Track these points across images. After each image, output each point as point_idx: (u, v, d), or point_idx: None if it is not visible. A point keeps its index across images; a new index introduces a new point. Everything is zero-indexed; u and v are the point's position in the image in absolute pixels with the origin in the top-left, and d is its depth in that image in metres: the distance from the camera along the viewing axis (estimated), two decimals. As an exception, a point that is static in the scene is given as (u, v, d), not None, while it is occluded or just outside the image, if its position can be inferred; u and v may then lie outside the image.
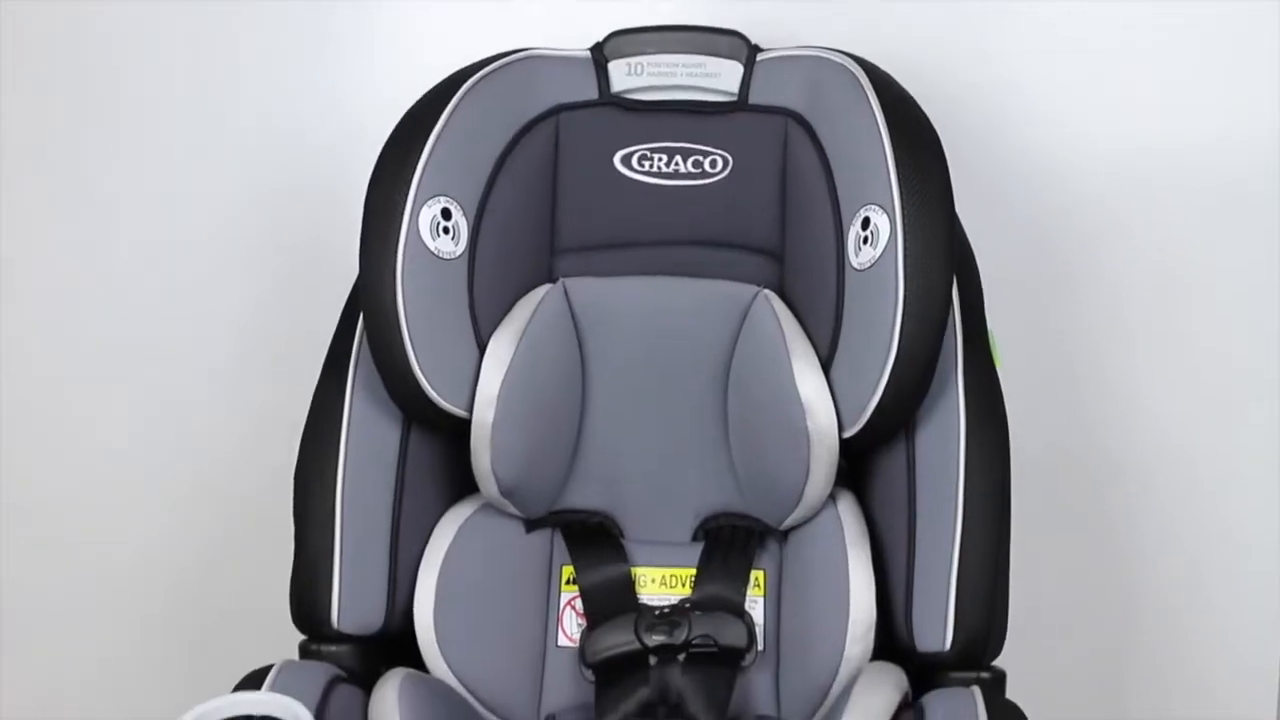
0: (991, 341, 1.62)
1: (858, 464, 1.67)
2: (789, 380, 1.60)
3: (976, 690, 1.44)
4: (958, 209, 1.58)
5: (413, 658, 1.64)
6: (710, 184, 1.71)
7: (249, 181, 2.11)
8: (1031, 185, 2.02)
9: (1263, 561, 2.13)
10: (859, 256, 1.57)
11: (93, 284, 2.17)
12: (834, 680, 1.57)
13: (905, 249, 1.52)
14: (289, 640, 1.61)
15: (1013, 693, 1.51)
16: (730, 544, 1.70)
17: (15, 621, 2.32)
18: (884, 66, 1.66)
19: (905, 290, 1.51)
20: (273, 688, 1.42)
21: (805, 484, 1.61)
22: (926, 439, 1.57)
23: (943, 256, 1.53)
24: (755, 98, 1.70)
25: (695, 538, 1.73)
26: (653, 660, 1.66)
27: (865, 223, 1.56)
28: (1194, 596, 2.16)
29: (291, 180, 2.09)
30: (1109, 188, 2.01)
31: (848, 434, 1.58)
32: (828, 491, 1.63)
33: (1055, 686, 1.95)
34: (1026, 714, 1.42)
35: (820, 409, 1.59)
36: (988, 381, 1.59)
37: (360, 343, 1.65)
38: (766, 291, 1.68)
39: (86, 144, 2.12)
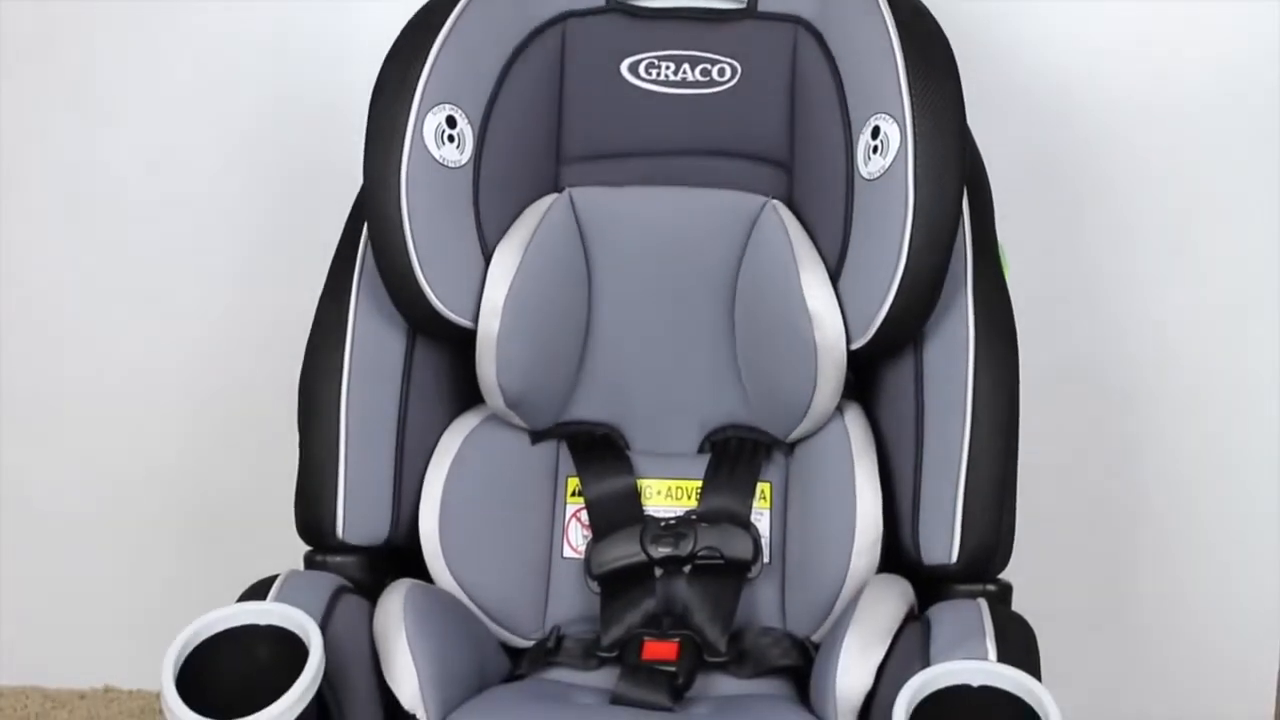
0: (1001, 254, 1.61)
1: (865, 376, 1.66)
2: (796, 291, 1.58)
3: (983, 602, 1.44)
4: (968, 121, 1.56)
5: (418, 569, 1.64)
6: (718, 93, 1.69)
7: (252, 90, 2.09)
8: (1041, 98, 2.00)
9: (1263, 479, 2.13)
10: (868, 166, 1.55)
11: (94, 192, 2.16)
12: (840, 592, 1.57)
13: (916, 158, 1.50)
14: (294, 551, 1.61)
15: (1018, 605, 1.50)
16: (736, 456, 1.69)
17: (18, 529, 2.32)
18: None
19: (915, 200, 1.50)
20: (278, 598, 1.42)
21: (812, 396, 1.60)
22: (935, 351, 1.56)
23: (953, 166, 1.51)
24: (765, 5, 1.67)
25: (701, 450, 1.73)
26: (658, 572, 1.66)
27: (875, 132, 1.54)
28: (1197, 513, 2.16)
29: (295, 88, 2.07)
30: (1118, 102, 1.99)
31: (856, 346, 1.57)
32: (835, 404, 1.62)
33: (1060, 600, 1.96)
34: (1032, 626, 1.42)
35: (828, 320, 1.57)
36: (998, 294, 1.57)
37: (364, 252, 1.63)
38: (774, 202, 1.66)
39: (90, 51, 2.10)
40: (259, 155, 2.11)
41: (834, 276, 1.59)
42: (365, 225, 1.62)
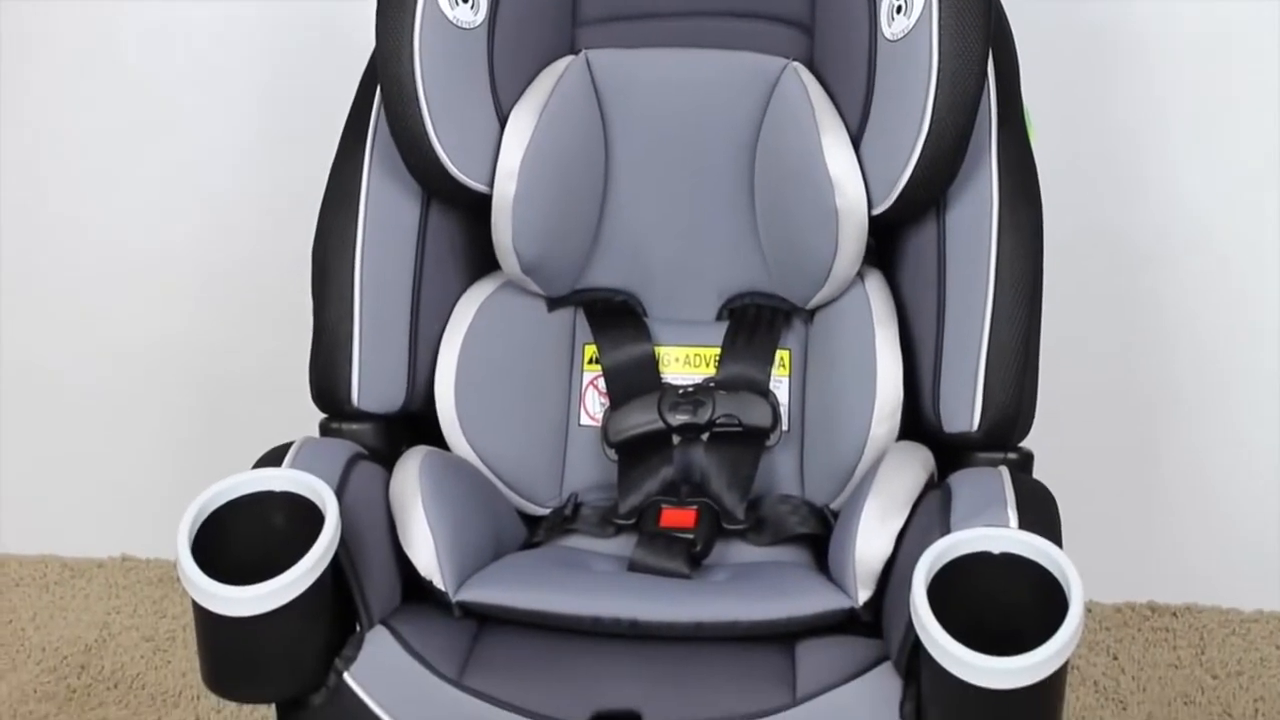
0: (1026, 117, 1.58)
1: (887, 242, 1.63)
2: (817, 156, 1.56)
3: (1004, 470, 1.42)
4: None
5: (434, 437, 1.63)
6: None
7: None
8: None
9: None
10: (892, 26, 1.51)
11: (101, 63, 2.14)
12: (859, 460, 1.56)
13: (940, 18, 1.46)
14: (310, 420, 1.60)
15: (1039, 473, 1.49)
16: (755, 323, 1.67)
17: (34, 401, 2.33)
18: None
19: (939, 61, 1.46)
20: (293, 464, 1.41)
21: (833, 262, 1.58)
22: (958, 216, 1.53)
23: (978, 26, 1.47)
24: None
25: (720, 317, 1.71)
26: (676, 440, 1.65)
27: None
28: (1219, 384, 2.16)
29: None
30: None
31: (877, 211, 1.55)
32: (855, 270, 1.60)
33: (1082, 468, 1.95)
34: (1053, 494, 1.40)
35: (849, 185, 1.55)
36: (1022, 158, 1.54)
37: (378, 116, 1.61)
38: (795, 64, 1.63)
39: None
40: (269, 18, 2.09)
41: (856, 140, 1.56)
42: (378, 88, 1.58)
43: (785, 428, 1.66)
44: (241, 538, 1.35)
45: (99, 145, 2.19)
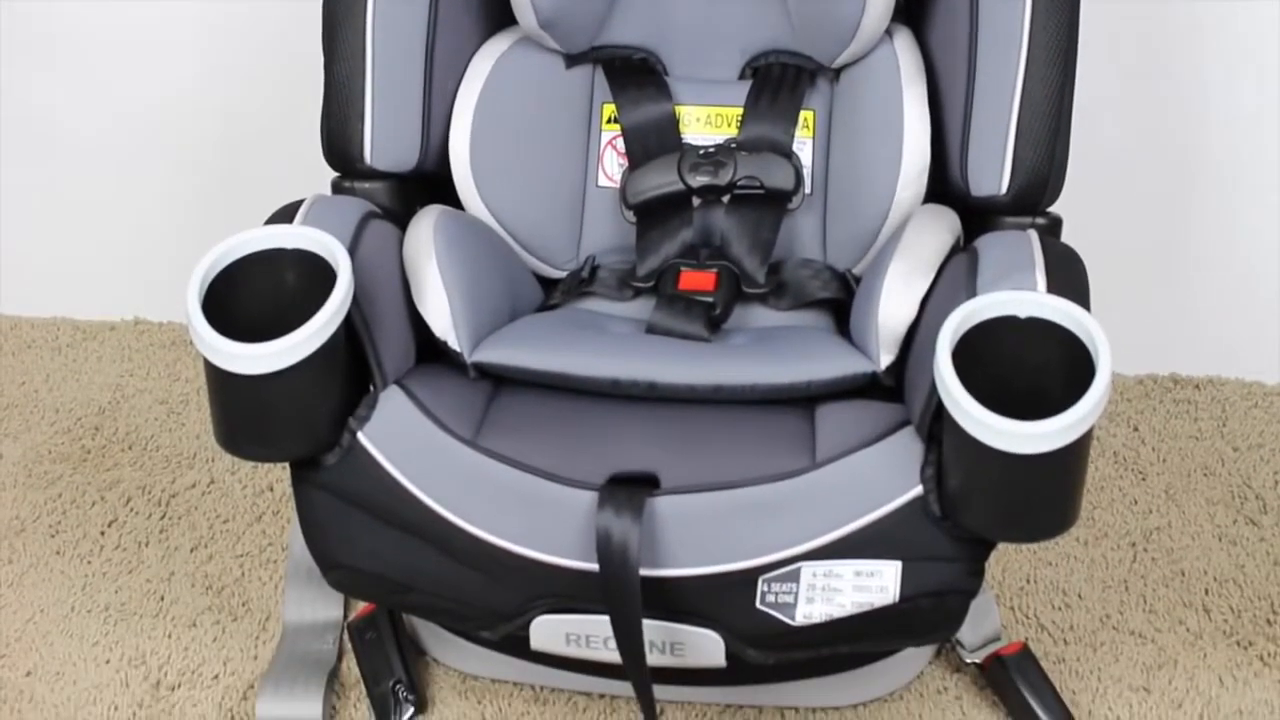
0: None
1: (917, -2, 1.58)
2: None
3: (1033, 233, 1.39)
4: None
5: (448, 199, 1.60)
6: None
7: None
8: None
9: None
10: None
11: None
12: (883, 224, 1.53)
13: None
14: (323, 178, 1.57)
15: (1068, 238, 1.46)
16: (779, 82, 1.63)
17: (44, 163, 2.30)
18: None
19: None
20: (305, 222, 1.38)
21: (860, 17, 1.54)
22: None
23: None
24: None
25: (743, 75, 1.66)
26: (696, 202, 1.62)
27: None
28: (1253, 160, 2.11)
29: None
30: None
31: (907, -38, 1.50)
32: (884, 26, 1.56)
33: (1111, 234, 1.92)
34: (1082, 258, 1.37)
35: None
36: (1062, -90, 1.48)
37: None
38: None
39: None
40: None
41: None
42: None
43: (808, 190, 1.62)
44: (253, 295, 1.33)
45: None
